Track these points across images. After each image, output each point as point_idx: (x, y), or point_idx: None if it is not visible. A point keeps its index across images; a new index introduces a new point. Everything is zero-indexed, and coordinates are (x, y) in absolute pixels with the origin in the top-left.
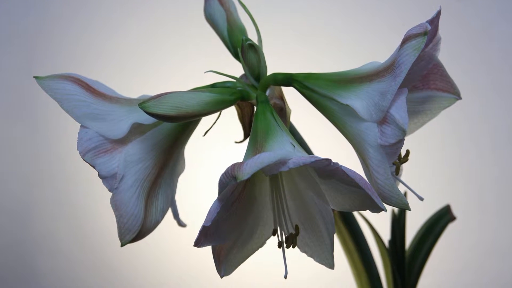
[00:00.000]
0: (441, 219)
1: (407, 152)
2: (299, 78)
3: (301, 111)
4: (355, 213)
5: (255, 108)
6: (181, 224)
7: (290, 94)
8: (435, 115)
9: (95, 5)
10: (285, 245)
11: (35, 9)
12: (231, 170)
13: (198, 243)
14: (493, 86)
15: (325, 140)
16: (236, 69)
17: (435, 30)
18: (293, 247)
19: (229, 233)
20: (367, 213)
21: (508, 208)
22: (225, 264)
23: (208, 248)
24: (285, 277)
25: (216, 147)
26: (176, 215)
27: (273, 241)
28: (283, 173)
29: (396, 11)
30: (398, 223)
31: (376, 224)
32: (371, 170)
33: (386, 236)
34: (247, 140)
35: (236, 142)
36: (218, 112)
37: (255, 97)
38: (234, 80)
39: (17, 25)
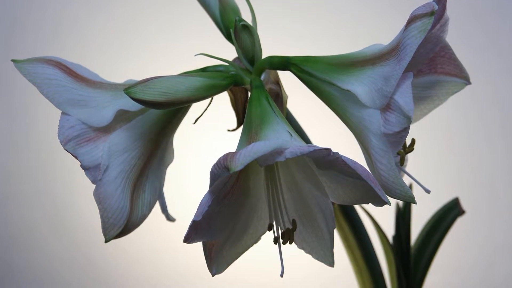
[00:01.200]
0: (449, 213)
1: (413, 141)
2: (296, 62)
3: (299, 97)
4: (357, 207)
5: (249, 93)
6: (169, 218)
7: (287, 79)
8: (443, 101)
9: None
10: (281, 241)
11: None
12: (223, 160)
13: (188, 238)
14: (504, 69)
15: (324, 128)
16: (229, 52)
17: (442, 10)
18: (290, 243)
19: (221, 228)
20: (369, 207)
21: None
22: (217, 261)
23: (199, 244)
24: (282, 275)
25: (207, 136)
26: (164, 209)
27: (268, 236)
28: (279, 164)
29: None
30: (402, 218)
31: (379, 218)
32: (373, 161)
33: (390, 231)
34: (241, 128)
35: (228, 130)
36: (210, 98)
37: (249, 82)
38: (227, 64)
39: None
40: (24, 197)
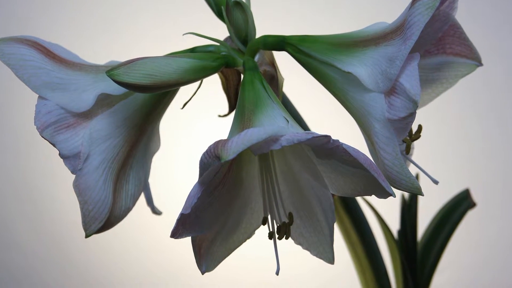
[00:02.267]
0: (459, 206)
1: (419, 127)
2: (293, 41)
3: (296, 80)
4: (359, 199)
5: (242, 76)
6: (155, 211)
7: (283, 60)
8: (452, 84)
9: None
10: (277, 236)
11: None
12: (213, 148)
13: (176, 233)
14: None
15: (323, 114)
16: (220, 31)
17: None
18: (286, 238)
19: (211, 222)
20: (372, 199)
21: None
22: (207, 258)
23: (188, 240)
24: (277, 273)
25: (197, 122)
26: (149, 201)
27: (263, 231)
28: (274, 152)
29: None
30: (408, 211)
31: (383, 211)
32: (377, 149)
33: (394, 225)
34: (233, 113)
35: (219, 116)
36: (199, 81)
37: (242, 63)
38: (218, 44)
39: None
40: None
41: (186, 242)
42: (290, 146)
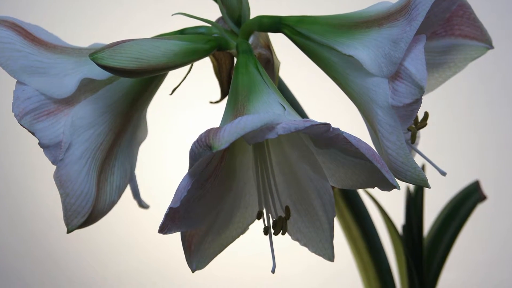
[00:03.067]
0: (468, 199)
1: (426, 114)
2: (290, 23)
3: (293, 64)
4: (361, 192)
5: (235, 60)
6: (142, 205)
7: (279, 43)
8: (461, 68)
9: None
10: (272, 231)
11: None
12: (205, 137)
13: (164, 228)
14: None
15: (322, 100)
16: (211, 11)
17: None
18: (283, 234)
19: (202, 217)
20: (375, 191)
21: None
22: (197, 255)
23: (177, 235)
24: (273, 271)
25: (186, 109)
26: (136, 194)
27: (257, 226)
28: (270, 141)
29: None
30: (414, 204)
31: (386, 205)
32: (380, 138)
33: (399, 220)
34: (225, 100)
35: (211, 102)
36: (189, 65)
37: (235, 46)
38: (209, 25)
39: None
40: None
41: (175, 238)
42: (287, 135)
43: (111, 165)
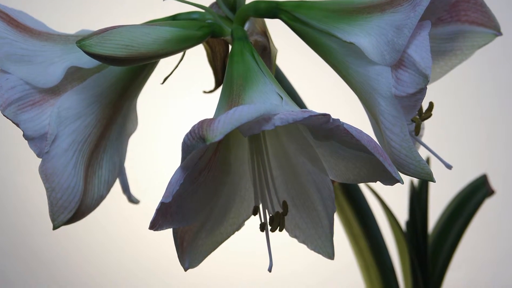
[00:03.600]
0: (476, 194)
1: (431, 105)
2: (287, 8)
3: (291, 51)
4: (362, 186)
5: (230, 47)
6: (132, 200)
7: (276, 29)
8: (468, 56)
9: None
10: (269, 227)
11: None
12: (198, 129)
13: (155, 225)
14: None
15: (322, 90)
16: None
17: None
18: (280, 230)
19: (195, 212)
20: (377, 186)
21: None
22: (190, 252)
23: (169, 232)
24: (270, 269)
25: (179, 99)
26: (125, 188)
27: (253, 222)
28: (267, 133)
29: None
30: (418, 199)
31: (389, 200)
32: (383, 129)
33: (402, 216)
34: (220, 89)
35: (205, 92)
36: (181, 53)
37: (230, 32)
38: (203, 11)
39: None
40: None
41: (167, 234)
42: (285, 126)
43: (100, 158)
